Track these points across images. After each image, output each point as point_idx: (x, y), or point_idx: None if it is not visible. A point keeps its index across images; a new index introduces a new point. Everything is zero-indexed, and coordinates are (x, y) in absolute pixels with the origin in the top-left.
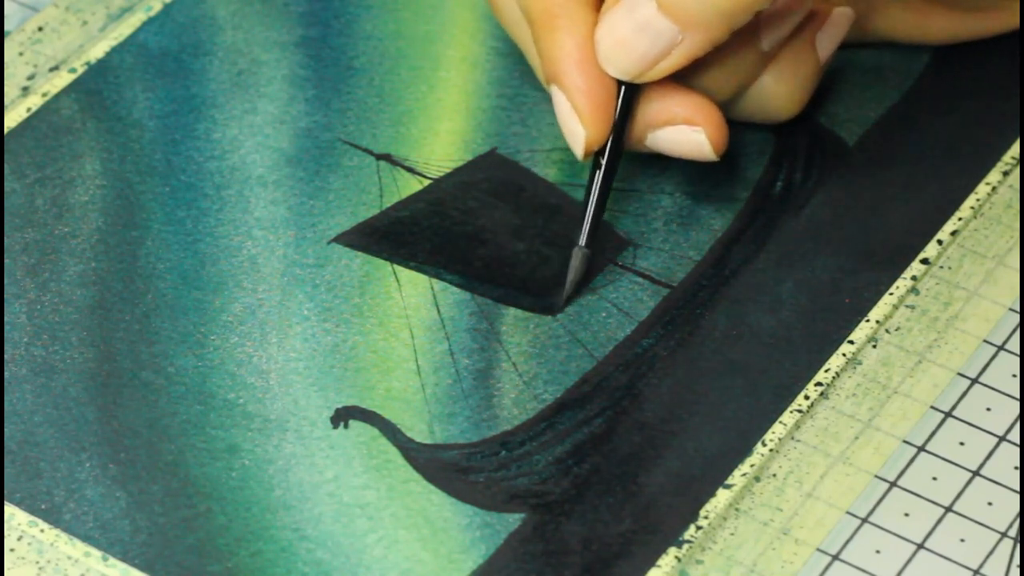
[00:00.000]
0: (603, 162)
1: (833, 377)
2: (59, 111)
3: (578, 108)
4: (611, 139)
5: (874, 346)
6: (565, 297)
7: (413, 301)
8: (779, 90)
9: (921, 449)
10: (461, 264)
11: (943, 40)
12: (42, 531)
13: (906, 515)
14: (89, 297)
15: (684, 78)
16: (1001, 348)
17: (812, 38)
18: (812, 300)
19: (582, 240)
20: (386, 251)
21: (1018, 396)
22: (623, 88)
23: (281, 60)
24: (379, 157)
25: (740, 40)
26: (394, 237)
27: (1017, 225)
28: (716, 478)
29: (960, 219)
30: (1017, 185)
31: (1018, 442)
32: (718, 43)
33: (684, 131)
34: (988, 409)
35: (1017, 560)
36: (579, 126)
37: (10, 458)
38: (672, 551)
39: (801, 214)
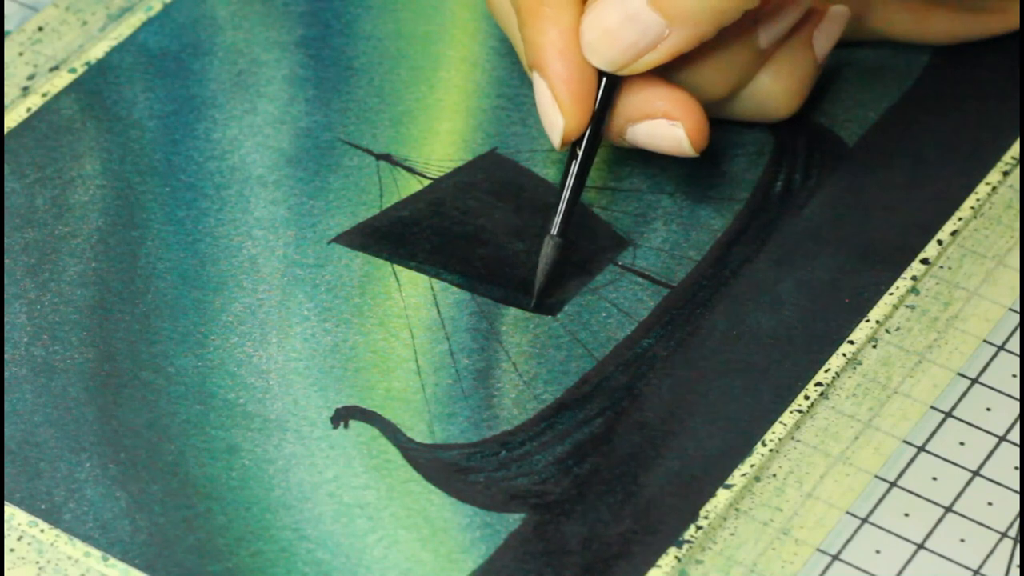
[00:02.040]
0: (580, 152)
1: (833, 377)
2: (59, 111)
3: (558, 97)
4: (589, 130)
5: (874, 346)
6: (537, 287)
7: (413, 301)
8: (777, 89)
9: (921, 449)
10: (461, 264)
11: (942, 40)
12: (42, 531)
13: (906, 515)
14: (89, 297)
15: (682, 74)
16: (1001, 348)
17: (809, 36)
18: (812, 300)
19: (554, 229)
20: (386, 251)
21: (1018, 396)
22: (604, 79)
23: (281, 60)
24: (379, 157)
25: (738, 37)
26: (394, 237)
27: (1017, 225)
28: (716, 478)
29: (960, 219)
30: (1017, 185)
31: (1018, 442)
32: (705, 39)
33: (663, 125)
34: (988, 409)
35: (1017, 560)
36: (558, 115)
37: (10, 458)
38: (672, 551)
39: (801, 214)
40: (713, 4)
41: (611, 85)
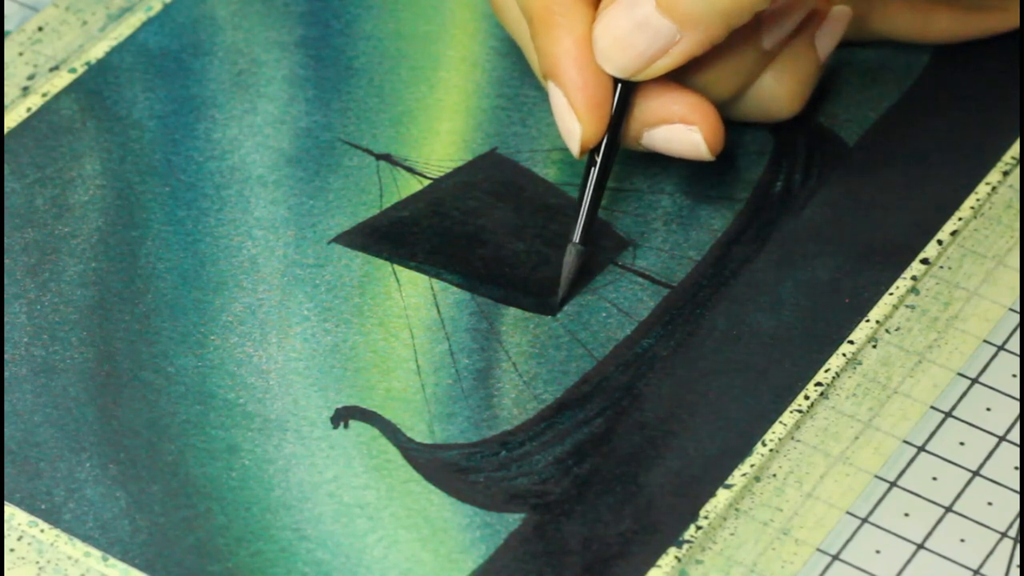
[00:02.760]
0: (598, 159)
1: (833, 377)
2: (59, 111)
3: (575, 105)
4: (607, 136)
5: (874, 346)
6: (561, 295)
7: (413, 301)
8: (779, 89)
9: (921, 449)
10: (461, 264)
11: (944, 39)
12: (42, 531)
13: (906, 515)
14: (89, 297)
15: (686, 77)
16: (1001, 348)
17: (812, 37)
18: (812, 300)
19: (576, 237)
20: (386, 251)
21: (1018, 396)
22: (619, 86)
23: (281, 60)
24: (379, 157)
25: (742, 39)
26: (394, 237)
27: (1017, 225)
28: (716, 478)
29: (960, 219)
30: (1017, 185)
31: (1018, 442)
32: (716, 42)
33: (680, 130)
34: (988, 409)
35: (1017, 560)
36: (575, 123)
37: (10, 458)
38: (672, 551)
39: (801, 214)
40: (723, 7)
41: (626, 91)
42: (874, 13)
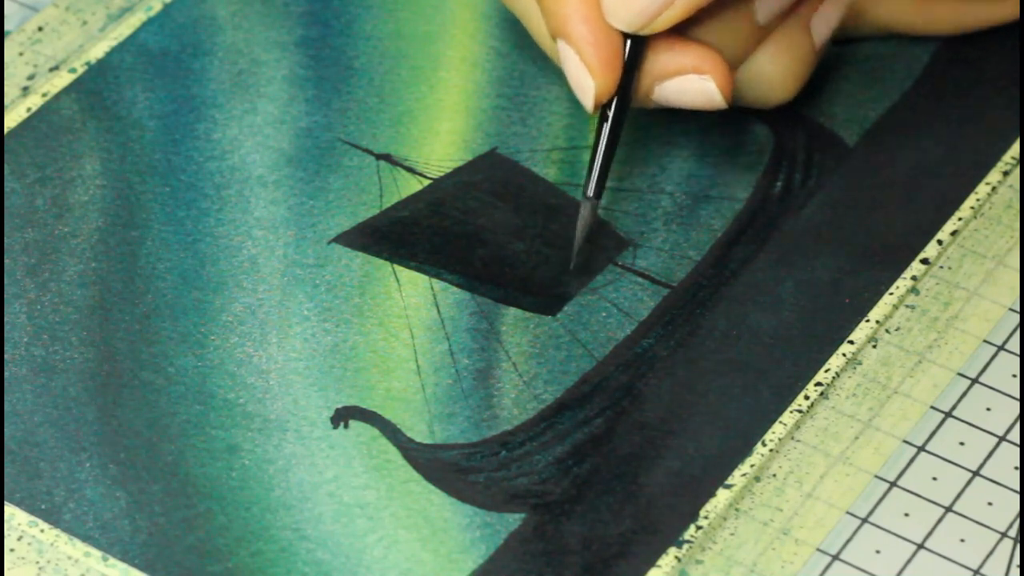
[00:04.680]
0: (610, 114)
1: (833, 377)
2: (59, 111)
3: (587, 60)
4: (619, 90)
5: (874, 346)
6: (575, 249)
7: (413, 301)
8: (773, 71)
9: (921, 449)
10: (461, 264)
11: (947, 30)
12: (42, 531)
13: (906, 515)
14: (89, 297)
15: None
16: (1001, 348)
17: (807, 20)
18: (812, 300)
19: (589, 191)
20: (386, 251)
21: (1018, 396)
22: (629, 41)
23: (281, 60)
24: (379, 157)
25: (735, 11)
26: (394, 237)
27: (1017, 225)
28: (716, 478)
29: (960, 219)
30: (1017, 185)
31: (1018, 442)
32: None
33: (692, 80)
34: (988, 409)
35: (1017, 560)
36: (588, 78)
37: (10, 458)
38: (672, 551)
39: (801, 214)
40: None
41: (637, 46)
42: (876, 3)
